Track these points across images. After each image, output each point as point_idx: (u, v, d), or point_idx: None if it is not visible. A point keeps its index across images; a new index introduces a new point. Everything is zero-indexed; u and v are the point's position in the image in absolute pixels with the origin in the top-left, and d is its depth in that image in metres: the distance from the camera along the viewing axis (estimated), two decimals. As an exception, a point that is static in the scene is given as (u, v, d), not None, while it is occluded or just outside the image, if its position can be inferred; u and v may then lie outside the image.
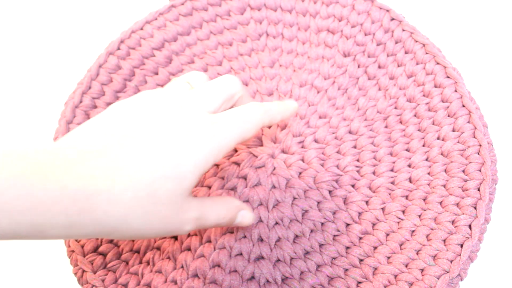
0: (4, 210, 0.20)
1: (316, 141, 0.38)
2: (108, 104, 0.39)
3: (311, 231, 0.35)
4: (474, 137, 0.36)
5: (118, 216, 0.22)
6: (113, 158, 0.23)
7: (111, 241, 0.35)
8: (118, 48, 0.40)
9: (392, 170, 0.37)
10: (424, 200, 0.35)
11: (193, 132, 0.25)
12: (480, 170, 0.35)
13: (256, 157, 0.37)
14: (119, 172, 0.23)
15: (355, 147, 0.38)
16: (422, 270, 0.32)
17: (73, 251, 0.34)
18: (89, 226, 0.22)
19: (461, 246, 0.33)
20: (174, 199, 0.24)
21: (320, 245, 0.34)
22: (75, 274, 0.34)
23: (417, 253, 0.33)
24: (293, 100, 0.35)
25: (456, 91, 0.37)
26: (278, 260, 0.34)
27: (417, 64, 0.39)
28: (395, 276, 0.32)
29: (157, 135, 0.24)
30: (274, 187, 0.36)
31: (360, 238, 0.34)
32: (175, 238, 0.35)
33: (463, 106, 0.37)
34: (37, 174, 0.21)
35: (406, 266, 0.33)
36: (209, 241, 0.34)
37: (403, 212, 0.35)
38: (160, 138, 0.24)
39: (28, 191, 0.20)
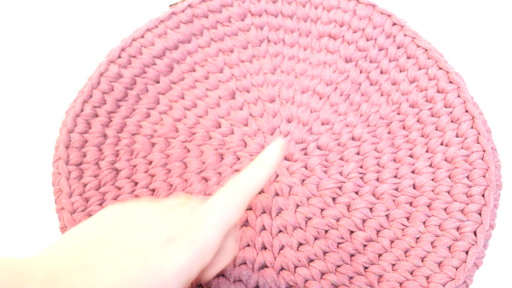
0: None
1: (319, 147, 0.38)
2: (109, 112, 0.39)
3: (315, 238, 0.35)
4: (478, 143, 0.36)
5: None
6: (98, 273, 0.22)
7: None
8: (119, 56, 0.40)
9: (395, 177, 0.36)
10: (428, 206, 0.35)
11: (174, 239, 0.23)
12: (484, 176, 0.35)
13: (259, 164, 0.37)
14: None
15: (358, 153, 0.38)
16: (427, 278, 0.32)
17: None
18: None
19: (466, 253, 0.32)
20: None
21: (324, 253, 0.34)
22: None
23: (422, 260, 0.33)
24: (278, 141, 0.28)
25: (459, 96, 0.37)
26: (282, 268, 0.34)
27: (419, 69, 0.39)
28: (401, 284, 0.32)
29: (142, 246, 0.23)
30: (277, 194, 0.36)
31: (365, 246, 0.34)
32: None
33: (466, 111, 0.37)
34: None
35: (412, 273, 0.33)
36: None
37: (408, 219, 0.35)
38: (145, 249, 0.23)
39: None
